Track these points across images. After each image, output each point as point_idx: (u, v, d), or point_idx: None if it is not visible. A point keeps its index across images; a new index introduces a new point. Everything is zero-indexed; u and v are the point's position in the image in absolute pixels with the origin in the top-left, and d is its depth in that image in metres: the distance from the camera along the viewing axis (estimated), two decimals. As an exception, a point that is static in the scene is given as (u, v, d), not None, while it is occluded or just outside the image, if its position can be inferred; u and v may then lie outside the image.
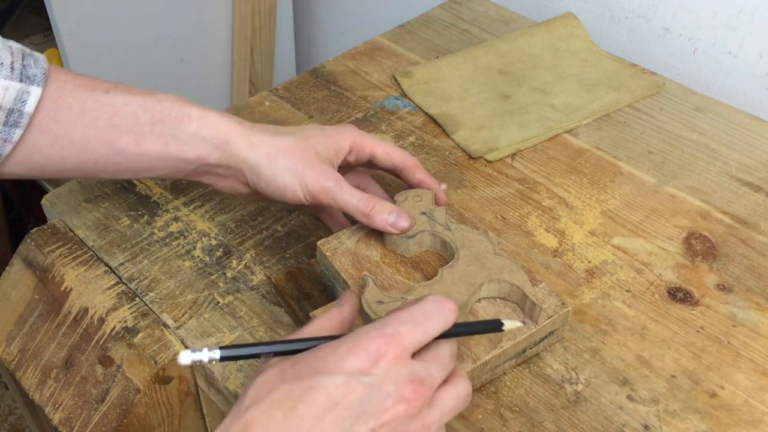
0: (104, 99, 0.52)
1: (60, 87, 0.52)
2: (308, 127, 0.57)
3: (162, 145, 0.53)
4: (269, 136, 0.54)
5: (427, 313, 0.42)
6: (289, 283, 0.58)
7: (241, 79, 1.30)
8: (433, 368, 0.41)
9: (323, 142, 0.56)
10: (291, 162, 0.53)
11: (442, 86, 0.80)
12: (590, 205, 0.67)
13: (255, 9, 1.24)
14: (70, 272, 0.61)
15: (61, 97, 0.51)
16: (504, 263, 0.54)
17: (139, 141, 0.53)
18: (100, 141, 0.52)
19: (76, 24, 1.05)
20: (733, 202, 0.68)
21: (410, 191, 0.59)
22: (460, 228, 0.57)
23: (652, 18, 0.89)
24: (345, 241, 0.57)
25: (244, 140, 0.54)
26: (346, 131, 0.58)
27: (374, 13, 1.29)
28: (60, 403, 0.56)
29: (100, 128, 0.52)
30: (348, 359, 0.39)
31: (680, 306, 0.59)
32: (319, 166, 0.54)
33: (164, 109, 0.53)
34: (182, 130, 0.53)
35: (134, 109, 0.53)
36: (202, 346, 0.55)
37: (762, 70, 0.83)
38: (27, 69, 0.50)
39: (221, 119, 0.54)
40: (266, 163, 0.54)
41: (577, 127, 0.76)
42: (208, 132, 0.53)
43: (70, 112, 0.51)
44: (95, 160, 0.53)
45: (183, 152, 0.54)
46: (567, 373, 0.54)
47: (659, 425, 0.51)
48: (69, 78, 0.53)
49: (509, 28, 0.91)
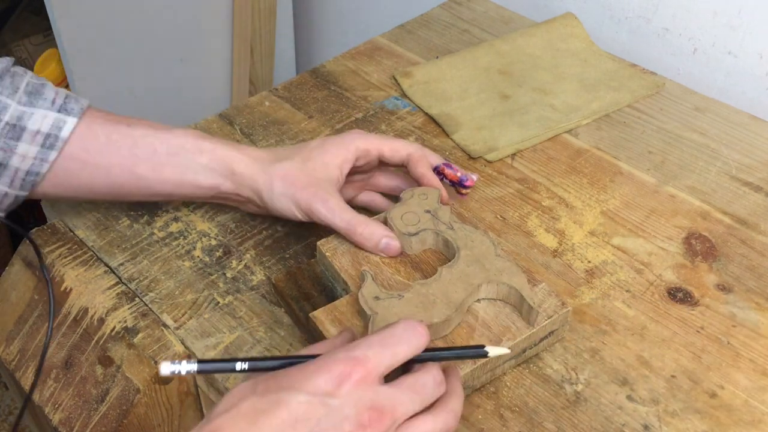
0: (126, 131, 0.59)
1: (91, 120, 0.58)
2: (312, 145, 0.60)
3: (179, 174, 0.59)
4: (269, 163, 0.59)
5: (396, 337, 0.42)
6: (289, 283, 0.58)
7: (241, 79, 1.30)
8: (403, 396, 0.41)
9: (322, 161, 0.58)
10: (285, 187, 0.57)
11: (442, 86, 0.80)
12: (590, 205, 0.67)
13: (255, 9, 1.24)
14: (70, 272, 0.61)
15: (90, 128, 0.58)
16: (504, 265, 0.54)
17: (158, 169, 0.59)
18: (122, 168, 0.58)
19: (76, 24, 1.05)
20: (733, 202, 0.68)
21: (416, 189, 0.59)
22: (463, 228, 0.57)
23: (652, 18, 0.89)
24: (345, 241, 0.57)
25: (248, 170, 0.59)
26: (350, 140, 0.60)
27: (374, 13, 1.29)
28: (60, 403, 0.56)
29: (122, 156, 0.58)
30: (314, 379, 0.40)
31: (680, 306, 0.59)
32: (311, 188, 0.57)
33: (179, 142, 0.59)
34: (195, 161, 0.59)
35: (152, 141, 0.59)
36: (202, 347, 0.55)
37: (762, 70, 0.83)
38: (66, 104, 0.57)
39: (229, 152, 0.59)
40: (265, 190, 0.58)
41: (577, 127, 0.76)
42: (218, 164, 0.59)
43: (97, 141, 0.58)
44: (120, 184, 0.59)
45: (198, 180, 0.59)
46: (567, 373, 0.54)
47: (659, 425, 0.51)
48: (101, 114, 0.59)
49: (509, 28, 0.91)
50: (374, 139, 0.61)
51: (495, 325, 0.52)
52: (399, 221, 0.57)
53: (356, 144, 0.60)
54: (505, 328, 0.52)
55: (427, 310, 0.51)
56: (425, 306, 0.51)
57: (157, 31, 1.16)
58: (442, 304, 0.51)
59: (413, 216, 0.57)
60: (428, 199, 0.58)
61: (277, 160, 0.59)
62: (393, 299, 0.51)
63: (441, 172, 0.62)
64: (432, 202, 0.58)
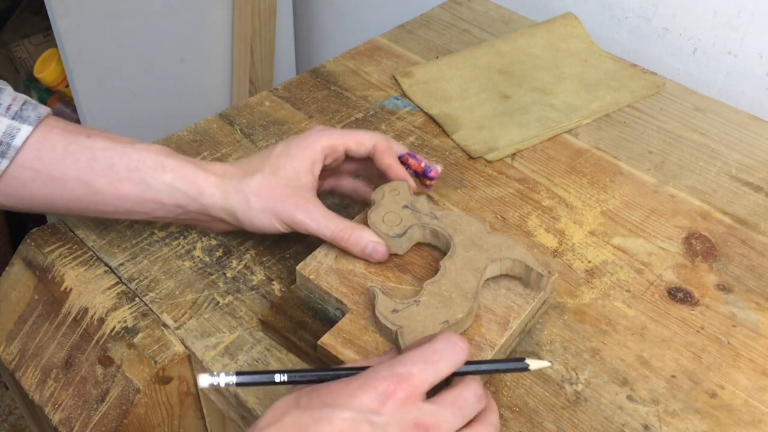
0: (85, 143, 0.56)
1: (48, 130, 0.56)
2: (276, 152, 0.58)
3: (139, 190, 0.56)
4: (239, 180, 0.57)
5: (439, 353, 0.42)
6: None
7: (241, 79, 1.30)
8: (446, 413, 0.41)
9: (292, 168, 0.57)
10: (262, 202, 0.56)
11: (442, 86, 0.80)
12: (590, 205, 0.67)
13: (255, 9, 1.24)
14: (70, 272, 0.61)
15: (47, 138, 0.55)
16: (500, 240, 0.55)
17: (116, 184, 0.56)
18: (79, 181, 0.56)
19: (76, 24, 1.05)
20: (733, 202, 0.68)
21: (385, 186, 0.58)
22: (446, 214, 0.57)
23: (652, 18, 0.89)
24: (323, 259, 0.56)
25: (217, 190, 0.56)
26: (314, 141, 0.58)
27: (374, 13, 1.29)
28: (60, 403, 0.56)
29: (79, 169, 0.56)
30: (358, 396, 0.40)
31: (680, 306, 0.59)
32: (290, 200, 0.56)
33: (141, 158, 0.56)
34: (156, 179, 0.56)
35: (111, 155, 0.56)
36: (202, 347, 0.55)
37: (762, 70, 0.83)
38: (23, 111, 0.55)
39: (195, 171, 0.57)
40: (240, 209, 0.56)
41: (577, 127, 0.76)
42: (183, 184, 0.56)
43: (53, 152, 0.55)
44: (77, 198, 0.57)
45: (159, 199, 0.57)
46: (567, 373, 0.54)
47: (659, 425, 0.51)
48: (60, 124, 0.57)
49: (509, 28, 0.91)
50: (338, 136, 0.59)
51: (497, 307, 0.53)
52: (382, 225, 0.56)
53: (321, 143, 0.58)
54: (508, 309, 0.53)
55: (447, 307, 0.51)
56: (444, 304, 0.51)
57: (157, 31, 1.16)
58: (459, 298, 0.51)
59: (394, 216, 0.56)
60: (400, 194, 0.58)
61: (246, 175, 0.57)
62: (412, 307, 0.51)
63: (405, 162, 0.61)
64: (405, 196, 0.58)
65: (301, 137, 0.59)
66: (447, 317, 0.50)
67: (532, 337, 0.56)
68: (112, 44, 1.11)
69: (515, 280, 0.55)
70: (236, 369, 0.54)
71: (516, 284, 0.54)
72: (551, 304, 0.58)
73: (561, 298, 0.59)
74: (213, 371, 0.44)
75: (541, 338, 0.56)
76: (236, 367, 0.54)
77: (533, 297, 0.54)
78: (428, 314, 0.50)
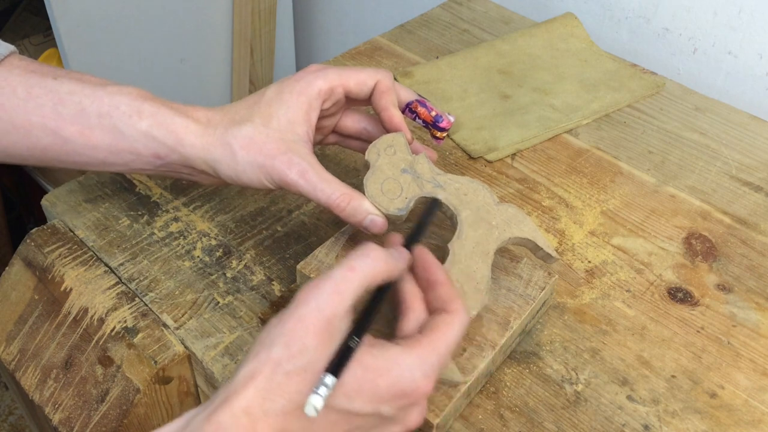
0: (51, 85, 0.50)
1: (8, 71, 0.50)
2: (268, 97, 0.52)
3: (111, 139, 0.50)
4: (224, 128, 0.51)
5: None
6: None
7: (241, 79, 1.30)
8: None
9: (285, 117, 0.51)
10: (250, 157, 0.50)
11: (442, 86, 0.80)
12: (590, 205, 0.67)
13: (255, 9, 1.24)
14: (70, 272, 0.61)
15: (7, 80, 0.50)
16: (508, 213, 0.52)
17: (86, 133, 0.50)
18: (45, 129, 0.50)
19: (76, 24, 1.05)
20: (733, 202, 0.68)
21: (379, 143, 0.53)
22: (450, 181, 0.52)
23: (652, 18, 0.89)
24: (324, 259, 0.55)
25: (199, 140, 0.50)
26: (309, 84, 0.52)
27: (374, 13, 1.29)
28: (60, 403, 0.56)
29: (44, 115, 0.50)
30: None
31: (680, 306, 0.59)
32: (283, 156, 0.49)
33: (113, 102, 0.50)
34: (131, 126, 0.50)
35: (80, 99, 0.50)
36: (202, 347, 0.55)
37: (762, 70, 0.83)
38: None
39: (174, 116, 0.51)
40: (225, 162, 0.50)
41: (577, 127, 0.76)
42: (161, 132, 0.50)
43: (14, 96, 0.49)
44: (42, 148, 0.51)
45: (135, 149, 0.51)
46: (567, 373, 0.54)
47: (659, 425, 0.51)
48: (22, 64, 0.51)
49: (509, 28, 0.91)
50: (335, 76, 0.52)
51: (497, 307, 0.53)
52: (382, 197, 0.51)
53: (318, 86, 0.51)
54: (508, 309, 0.53)
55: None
56: None
57: (157, 32, 1.16)
58: (471, 291, 0.50)
59: (393, 184, 0.51)
60: (397, 152, 0.52)
61: (233, 124, 0.50)
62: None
63: (414, 109, 0.55)
64: (403, 155, 0.52)
65: (294, 79, 0.52)
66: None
67: (533, 337, 0.56)
68: (112, 44, 1.11)
69: (515, 281, 0.55)
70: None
71: (516, 285, 0.54)
72: (551, 305, 0.58)
73: (561, 298, 0.59)
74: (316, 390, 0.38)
75: (541, 338, 0.56)
76: (236, 367, 0.54)
77: (533, 298, 0.54)
78: None
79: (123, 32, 1.11)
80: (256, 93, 0.53)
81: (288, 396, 0.37)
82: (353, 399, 0.39)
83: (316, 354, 0.38)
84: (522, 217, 0.52)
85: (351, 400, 0.39)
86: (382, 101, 0.53)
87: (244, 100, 0.53)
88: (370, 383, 0.39)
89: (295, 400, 0.38)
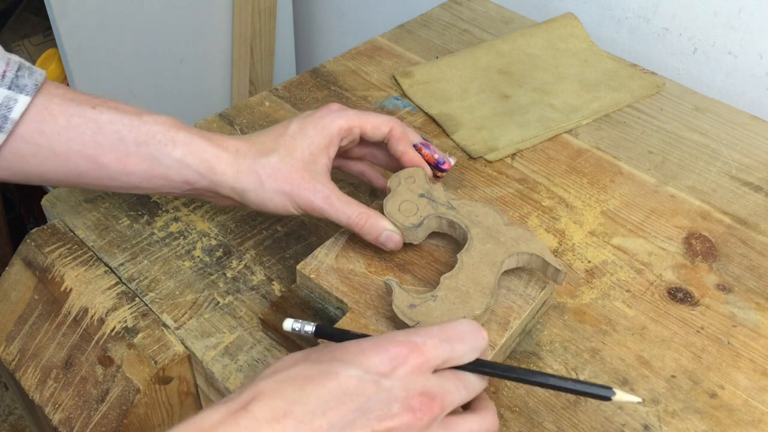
0: (90, 114, 0.53)
1: (48, 99, 0.52)
2: (291, 131, 0.56)
3: (147, 166, 0.54)
4: (253, 159, 0.54)
5: (459, 333, 0.42)
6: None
7: (241, 79, 1.30)
8: (451, 386, 0.41)
9: (309, 150, 0.55)
10: (277, 185, 0.54)
11: (442, 86, 0.80)
12: (590, 205, 0.67)
13: (255, 9, 1.24)
14: (70, 272, 0.61)
15: (48, 109, 0.52)
16: (518, 233, 0.54)
17: (124, 160, 0.53)
18: (84, 156, 0.53)
19: (76, 24, 1.05)
20: (733, 202, 0.68)
21: (401, 173, 0.58)
22: (463, 204, 0.56)
23: (652, 18, 0.89)
24: (324, 259, 0.55)
25: (229, 168, 0.54)
26: (332, 122, 0.56)
27: (374, 13, 1.29)
28: (60, 403, 0.56)
29: (83, 143, 0.53)
30: (369, 356, 0.40)
31: (680, 306, 0.59)
32: (307, 184, 0.54)
33: (149, 131, 0.53)
34: (166, 154, 0.53)
35: (118, 128, 0.53)
36: (202, 347, 0.55)
37: (762, 70, 0.83)
38: (19, 79, 0.51)
39: (207, 146, 0.54)
40: (253, 189, 0.54)
41: (577, 127, 0.76)
42: (194, 160, 0.54)
43: (55, 124, 0.52)
44: (79, 173, 0.54)
45: (168, 176, 0.54)
46: (567, 373, 0.54)
47: (659, 425, 0.51)
48: (60, 92, 0.53)
49: (509, 28, 0.91)
50: (355, 117, 0.57)
51: (497, 307, 0.53)
52: (399, 215, 0.55)
53: (339, 124, 0.56)
54: (508, 309, 0.53)
55: (465, 303, 0.51)
56: (462, 300, 0.51)
57: (157, 32, 1.16)
58: (476, 293, 0.51)
59: (410, 205, 0.56)
60: (416, 181, 0.57)
61: (260, 155, 0.55)
62: (429, 302, 0.50)
63: (418, 151, 0.60)
64: (422, 184, 0.57)
65: (318, 116, 0.57)
66: (464, 313, 0.50)
67: (532, 338, 0.56)
68: (112, 44, 1.11)
69: (516, 281, 0.55)
70: (266, 353, 0.54)
71: (516, 284, 0.54)
72: (551, 305, 0.58)
73: (561, 298, 0.59)
74: (296, 318, 0.48)
75: (541, 338, 0.56)
76: (236, 366, 0.54)
77: (533, 298, 0.54)
78: (445, 309, 0.50)
79: (123, 32, 1.11)
80: (279, 125, 0.57)
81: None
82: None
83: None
84: (530, 236, 0.54)
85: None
86: (400, 146, 0.58)
87: (269, 131, 0.57)
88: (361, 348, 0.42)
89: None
